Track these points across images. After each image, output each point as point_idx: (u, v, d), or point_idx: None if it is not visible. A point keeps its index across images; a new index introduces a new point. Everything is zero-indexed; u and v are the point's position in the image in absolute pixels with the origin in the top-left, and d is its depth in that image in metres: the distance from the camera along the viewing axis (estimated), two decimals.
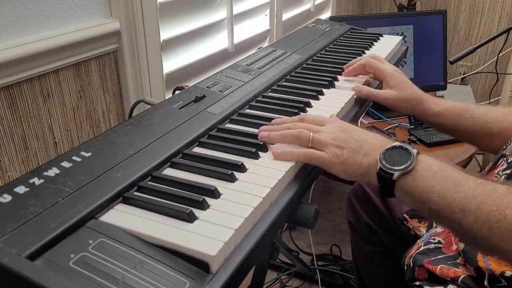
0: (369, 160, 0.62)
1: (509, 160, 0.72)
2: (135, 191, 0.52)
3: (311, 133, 0.64)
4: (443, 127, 0.89)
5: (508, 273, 0.63)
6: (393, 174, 0.59)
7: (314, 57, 1.04)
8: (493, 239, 0.52)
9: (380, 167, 0.60)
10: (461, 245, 0.73)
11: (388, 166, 0.59)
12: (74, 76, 0.89)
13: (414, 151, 0.60)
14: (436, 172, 0.58)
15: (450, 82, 2.25)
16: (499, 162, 0.74)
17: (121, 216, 0.48)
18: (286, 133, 0.65)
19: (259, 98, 0.81)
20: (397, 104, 0.88)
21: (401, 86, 0.87)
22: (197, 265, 0.43)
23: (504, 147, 0.77)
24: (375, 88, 0.94)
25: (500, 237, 0.52)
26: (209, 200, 0.51)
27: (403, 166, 0.59)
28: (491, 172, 0.75)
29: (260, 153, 0.62)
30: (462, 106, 0.87)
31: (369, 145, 0.63)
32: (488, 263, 0.66)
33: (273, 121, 0.70)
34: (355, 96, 0.86)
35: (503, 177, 0.70)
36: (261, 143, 0.64)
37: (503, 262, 0.64)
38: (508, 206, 0.52)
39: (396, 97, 0.87)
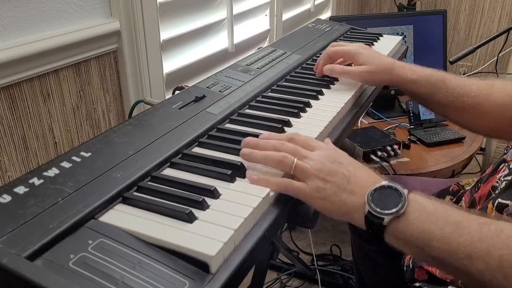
0: (354, 200, 0.55)
1: (510, 166, 0.71)
2: (135, 191, 0.52)
3: (295, 159, 0.57)
4: (419, 96, 0.87)
5: None
6: (384, 218, 0.52)
7: (314, 57, 1.04)
8: (508, 286, 0.48)
9: (368, 211, 0.53)
10: None
11: (378, 210, 0.53)
12: (74, 76, 0.89)
13: (405, 191, 0.54)
14: (432, 214, 0.53)
15: None
16: (500, 167, 0.74)
17: (121, 216, 0.48)
18: (269, 155, 0.58)
19: (259, 98, 0.81)
20: (372, 77, 0.86)
21: (370, 60, 0.86)
22: (196, 265, 0.43)
23: (505, 151, 0.77)
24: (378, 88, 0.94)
25: None
26: (208, 200, 0.51)
27: (394, 210, 0.52)
28: (493, 177, 0.74)
29: None
30: (439, 76, 0.85)
31: (357, 182, 0.56)
32: None
33: (260, 136, 0.63)
34: (352, 92, 0.86)
35: (504, 183, 0.69)
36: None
37: None
38: None
39: (367, 70, 0.85)
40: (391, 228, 0.53)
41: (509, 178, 0.69)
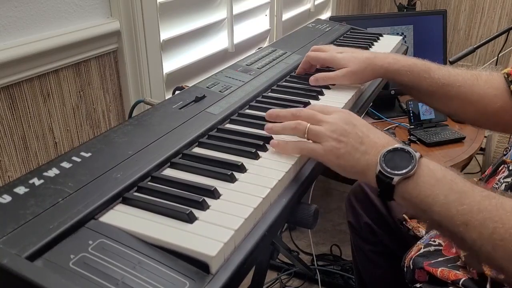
0: (368, 160, 0.58)
1: (510, 168, 0.71)
2: (135, 191, 0.52)
3: (308, 124, 0.61)
4: (404, 86, 0.87)
5: None
6: (393, 178, 0.55)
7: None
8: (496, 257, 0.50)
9: (379, 170, 0.56)
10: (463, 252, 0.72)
11: (388, 170, 0.56)
12: (74, 76, 0.89)
13: (417, 154, 0.56)
14: (439, 180, 0.55)
15: None
16: (499, 169, 0.74)
17: (121, 217, 0.48)
18: (285, 125, 0.63)
19: (259, 98, 0.81)
20: (357, 76, 0.85)
21: (350, 61, 0.85)
22: (196, 265, 0.43)
23: (505, 152, 0.77)
24: (378, 85, 0.94)
25: (504, 255, 0.50)
26: (209, 201, 0.50)
27: (404, 171, 0.55)
28: (492, 178, 0.74)
29: (260, 153, 0.62)
30: (422, 65, 0.84)
31: (370, 142, 0.59)
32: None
33: (280, 110, 0.67)
34: (352, 93, 0.86)
35: (503, 185, 0.69)
36: (261, 143, 0.64)
37: None
38: None
39: (350, 71, 0.84)
40: (400, 188, 0.56)
41: (508, 180, 0.69)
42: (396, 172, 0.55)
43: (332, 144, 0.59)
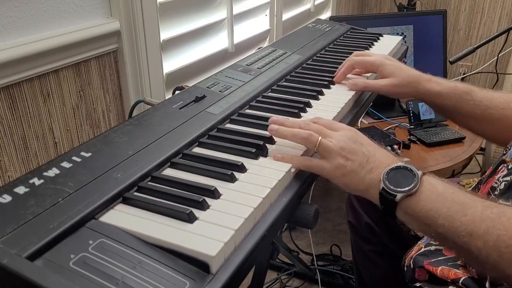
0: (372, 178, 0.59)
1: (509, 167, 0.71)
2: (135, 191, 0.52)
3: (320, 137, 0.61)
4: (444, 108, 0.86)
5: None
6: (396, 195, 0.57)
7: (314, 57, 1.04)
8: (502, 265, 0.51)
9: (383, 187, 0.58)
10: None
11: (392, 187, 0.57)
12: (74, 76, 0.89)
13: (419, 172, 0.58)
14: (441, 194, 0.56)
15: None
16: (499, 168, 0.74)
17: (121, 217, 0.48)
18: (296, 132, 0.63)
19: (259, 98, 0.81)
20: (397, 90, 0.85)
21: (395, 72, 0.85)
22: (197, 265, 0.43)
23: (504, 152, 0.76)
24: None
25: (510, 263, 0.50)
26: (209, 201, 0.51)
27: (406, 188, 0.57)
28: (492, 177, 0.74)
29: (260, 154, 0.62)
30: (464, 88, 0.84)
31: (376, 161, 0.60)
32: None
33: (286, 119, 0.68)
34: (352, 93, 0.85)
35: (503, 183, 0.69)
36: (261, 143, 0.63)
37: None
38: None
39: (393, 83, 0.85)
40: (402, 205, 0.57)
41: (507, 179, 0.69)
42: (399, 189, 0.57)
43: (340, 162, 0.60)
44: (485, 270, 0.55)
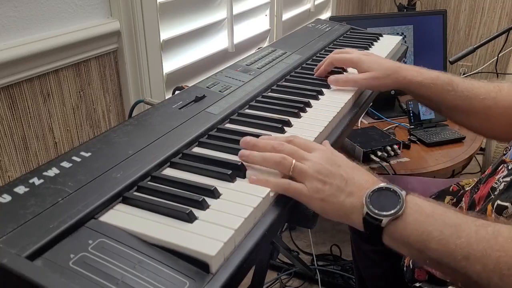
0: (353, 202, 0.55)
1: (509, 167, 0.71)
2: (135, 191, 0.52)
3: (294, 161, 0.57)
4: (426, 99, 0.86)
5: None
6: (382, 220, 0.53)
7: (314, 57, 1.04)
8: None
9: (367, 212, 0.54)
10: None
11: (376, 211, 0.53)
12: (74, 76, 0.89)
13: (403, 192, 0.54)
14: (430, 215, 0.53)
15: None
16: (499, 168, 0.74)
17: (121, 216, 0.48)
18: (267, 157, 0.58)
19: (259, 98, 0.81)
20: (377, 82, 0.85)
21: (374, 66, 0.85)
22: (196, 265, 0.43)
23: (505, 152, 0.76)
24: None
25: None
26: (208, 200, 0.51)
27: (392, 211, 0.52)
28: (492, 178, 0.74)
29: None
30: (446, 78, 0.83)
31: (355, 184, 0.56)
32: None
33: (260, 138, 0.63)
34: (352, 93, 0.86)
35: (502, 184, 0.69)
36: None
37: None
38: None
39: (373, 75, 0.84)
40: (389, 230, 0.53)
41: (507, 179, 0.69)
42: (384, 213, 0.53)
43: (317, 186, 0.56)
44: None
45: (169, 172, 0.57)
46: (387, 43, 1.19)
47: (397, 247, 0.54)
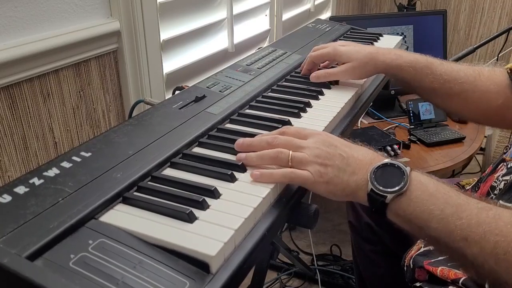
0: (357, 179, 0.56)
1: (509, 166, 0.71)
2: (135, 191, 0.52)
3: (290, 152, 0.57)
4: (405, 82, 0.85)
5: None
6: (386, 196, 0.53)
7: None
8: (500, 272, 0.48)
9: (371, 189, 0.54)
10: None
11: (381, 188, 0.54)
12: (74, 76, 0.89)
13: (407, 169, 0.55)
14: (433, 194, 0.53)
15: None
16: (499, 167, 0.74)
17: (121, 216, 0.48)
18: (263, 154, 0.58)
19: (259, 98, 0.81)
20: (358, 72, 0.84)
21: (352, 56, 0.84)
22: (197, 265, 0.43)
23: (505, 151, 0.76)
24: (378, 85, 0.93)
25: (508, 270, 0.48)
26: (209, 200, 0.51)
27: (397, 188, 0.53)
28: (491, 176, 0.74)
29: None
30: (425, 61, 0.83)
31: (356, 161, 0.57)
32: None
33: (255, 137, 0.62)
34: (352, 93, 0.86)
35: (502, 183, 0.69)
36: None
37: None
38: None
39: (352, 66, 0.84)
40: (393, 206, 0.54)
41: (507, 178, 0.69)
42: (388, 189, 0.54)
43: (319, 170, 0.56)
44: (479, 275, 0.52)
45: (169, 172, 0.57)
46: (387, 43, 1.19)
47: (400, 222, 0.55)
